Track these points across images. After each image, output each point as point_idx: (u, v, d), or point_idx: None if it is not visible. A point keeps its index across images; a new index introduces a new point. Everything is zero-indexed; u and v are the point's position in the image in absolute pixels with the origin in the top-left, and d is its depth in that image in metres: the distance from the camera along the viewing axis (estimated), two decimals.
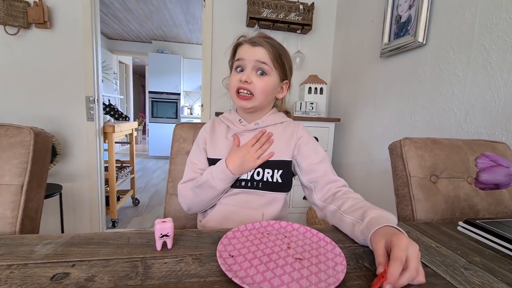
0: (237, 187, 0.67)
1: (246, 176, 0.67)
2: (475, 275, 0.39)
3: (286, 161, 0.68)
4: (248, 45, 0.66)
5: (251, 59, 0.65)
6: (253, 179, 0.67)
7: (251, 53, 0.65)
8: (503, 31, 0.86)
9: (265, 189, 0.67)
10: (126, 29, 4.44)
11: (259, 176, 0.67)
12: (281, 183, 0.67)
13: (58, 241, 0.43)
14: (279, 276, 0.36)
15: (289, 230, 0.50)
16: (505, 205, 0.69)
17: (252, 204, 0.66)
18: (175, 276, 0.36)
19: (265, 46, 0.64)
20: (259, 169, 0.67)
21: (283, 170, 0.68)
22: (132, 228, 2.19)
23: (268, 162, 0.67)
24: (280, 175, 0.67)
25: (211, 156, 0.71)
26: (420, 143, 0.71)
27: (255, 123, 0.71)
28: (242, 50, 0.67)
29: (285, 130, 0.72)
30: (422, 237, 0.52)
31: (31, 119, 1.76)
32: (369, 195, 1.59)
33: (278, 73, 0.68)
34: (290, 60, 0.71)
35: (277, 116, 0.74)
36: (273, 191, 0.68)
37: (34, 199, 0.52)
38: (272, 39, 0.68)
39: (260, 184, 0.67)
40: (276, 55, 0.65)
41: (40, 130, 0.54)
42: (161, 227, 0.41)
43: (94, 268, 0.36)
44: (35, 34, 1.72)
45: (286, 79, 0.72)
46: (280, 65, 0.67)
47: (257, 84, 0.65)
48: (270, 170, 0.67)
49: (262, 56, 0.64)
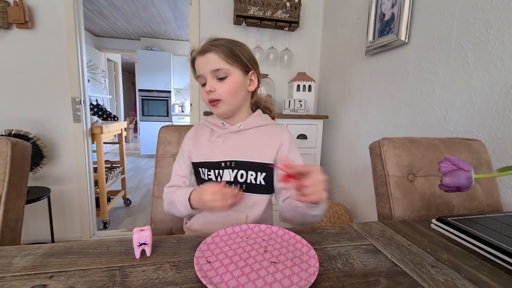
0: None
1: (229, 178, 0.68)
2: (440, 273, 0.41)
3: (268, 164, 0.69)
4: (199, 57, 0.67)
5: (206, 70, 0.66)
6: (237, 181, 0.68)
7: (204, 64, 0.66)
8: (479, 31, 0.88)
9: (249, 191, 0.69)
10: (113, 26, 4.36)
11: (243, 178, 0.69)
12: (264, 185, 0.69)
13: (37, 252, 0.43)
14: (253, 280, 0.37)
15: (267, 233, 0.51)
16: (478, 201, 0.72)
17: (236, 207, 0.67)
18: (152, 284, 0.37)
19: (213, 49, 0.65)
20: (242, 171, 0.68)
21: (266, 173, 0.69)
22: (124, 228, 2.19)
23: (252, 164, 0.68)
24: (263, 178, 0.69)
25: (195, 160, 0.73)
26: (398, 143, 0.73)
27: (239, 125, 0.72)
28: (196, 64, 0.69)
29: (268, 133, 0.73)
30: (396, 235, 0.54)
31: (16, 122, 1.72)
32: (356, 191, 1.62)
33: (238, 67, 0.67)
34: (247, 50, 0.70)
35: (261, 119, 0.75)
36: (256, 193, 0.69)
37: (13, 210, 0.52)
38: (220, 39, 0.67)
39: (243, 186, 0.68)
40: (227, 52, 0.65)
41: (17, 140, 0.54)
42: (138, 235, 0.42)
43: (72, 278, 0.37)
44: (17, 34, 1.68)
45: (250, 70, 0.70)
46: (236, 60, 0.66)
47: (220, 89, 0.66)
48: (254, 173, 0.68)
49: (214, 61, 0.65)
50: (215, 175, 0.69)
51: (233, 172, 0.68)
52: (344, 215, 1.39)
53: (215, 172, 0.69)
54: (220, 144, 0.71)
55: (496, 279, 0.40)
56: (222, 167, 0.69)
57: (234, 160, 0.68)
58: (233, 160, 0.68)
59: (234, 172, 0.68)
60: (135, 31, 4.64)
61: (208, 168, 0.70)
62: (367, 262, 0.44)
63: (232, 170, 0.68)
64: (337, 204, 1.48)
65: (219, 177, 0.69)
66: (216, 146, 0.71)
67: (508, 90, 0.80)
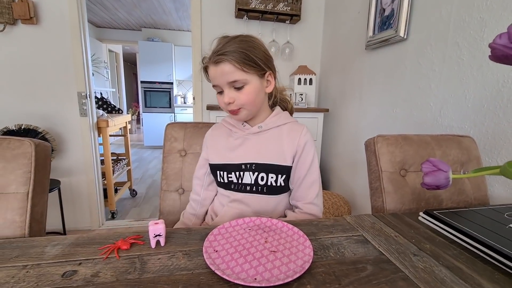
0: (241, 191, 0.70)
1: (250, 181, 0.69)
2: (421, 261, 0.47)
3: (288, 167, 0.70)
4: (212, 66, 0.64)
5: (222, 81, 0.64)
6: (257, 184, 0.69)
7: (219, 75, 0.63)
8: (474, 29, 0.91)
9: (270, 193, 0.70)
10: (115, 17, 4.34)
11: (263, 181, 0.69)
12: (284, 187, 0.71)
13: (65, 242, 0.49)
14: (255, 267, 0.43)
15: (268, 225, 0.57)
16: (466, 195, 0.77)
17: (258, 208, 0.70)
18: (168, 270, 0.42)
19: (227, 58, 0.61)
20: (263, 174, 0.69)
21: (286, 175, 0.70)
22: (131, 218, 2.27)
23: (272, 167, 0.69)
24: (283, 180, 0.69)
25: (214, 162, 0.75)
26: (391, 140, 0.78)
27: (259, 126, 0.71)
28: (210, 72, 0.66)
29: (287, 134, 0.72)
30: (385, 227, 0.59)
31: (24, 117, 1.78)
32: (355, 183, 1.68)
33: (255, 74, 0.65)
34: (260, 49, 0.66)
35: (280, 118, 0.73)
36: (277, 194, 0.71)
37: (39, 204, 0.58)
38: (231, 40, 0.64)
39: (264, 189, 0.69)
40: (241, 59, 0.62)
41: (40, 141, 0.59)
42: (154, 228, 0.47)
43: (98, 265, 0.43)
44: (22, 30, 1.71)
45: (267, 71, 0.68)
46: (253, 65, 0.63)
47: (238, 100, 0.65)
48: (274, 175, 0.69)
49: (229, 72, 0.62)
50: (236, 177, 0.70)
51: (254, 175, 0.69)
52: (342, 206, 1.45)
53: (235, 174, 0.70)
54: (240, 146, 0.71)
55: (471, 266, 0.46)
56: (243, 169, 0.69)
57: (255, 163, 0.69)
58: (253, 163, 0.69)
59: (254, 174, 0.69)
60: (136, 22, 4.62)
61: (228, 171, 0.71)
62: (357, 251, 0.49)
63: (253, 173, 0.69)
64: (336, 195, 1.54)
65: (240, 179, 0.70)
66: (237, 148, 0.71)
67: (499, 88, 0.83)
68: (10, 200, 0.54)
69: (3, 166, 0.55)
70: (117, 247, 0.46)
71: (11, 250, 0.46)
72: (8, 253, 0.46)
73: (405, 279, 0.42)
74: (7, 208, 0.54)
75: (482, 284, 0.41)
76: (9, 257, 0.44)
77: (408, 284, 0.40)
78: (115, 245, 0.47)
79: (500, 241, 0.48)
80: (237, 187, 0.70)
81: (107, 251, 0.46)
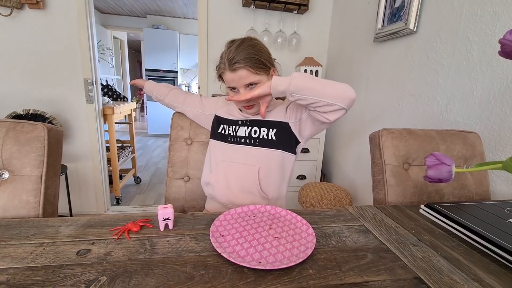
0: (237, 143, 0.81)
1: (244, 134, 0.80)
2: (420, 251, 0.48)
3: (280, 122, 0.79)
4: (229, 72, 0.73)
5: (239, 85, 0.74)
6: (251, 137, 0.80)
7: (237, 79, 0.73)
8: (486, 23, 0.89)
9: (261, 145, 0.79)
10: (120, 3, 4.29)
11: (256, 134, 0.79)
12: (275, 140, 0.78)
13: (78, 223, 0.51)
14: (260, 251, 0.45)
15: (272, 213, 0.59)
16: (468, 189, 0.78)
17: (250, 160, 0.79)
18: (176, 251, 0.44)
19: (244, 65, 0.71)
20: (255, 128, 0.80)
21: (277, 129, 0.79)
22: (135, 204, 2.32)
23: (265, 121, 0.80)
24: (274, 133, 0.78)
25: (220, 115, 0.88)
26: (396, 133, 0.78)
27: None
28: (226, 77, 0.76)
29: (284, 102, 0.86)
30: (386, 218, 0.60)
31: (32, 102, 1.80)
32: (357, 176, 1.69)
33: (265, 73, 0.76)
34: (265, 51, 0.77)
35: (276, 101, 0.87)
36: (267, 147, 0.79)
37: (51, 186, 0.60)
38: (240, 44, 0.73)
39: (256, 141, 0.79)
40: (255, 64, 0.72)
41: (52, 126, 0.60)
42: (163, 212, 0.49)
43: (110, 245, 0.45)
44: (29, 14, 1.71)
45: (271, 68, 0.78)
46: (262, 67, 0.74)
47: None
48: (266, 129, 0.79)
49: (245, 77, 0.73)
50: (232, 129, 0.83)
51: (248, 129, 0.80)
52: (344, 199, 1.47)
53: (232, 128, 0.83)
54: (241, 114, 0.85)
55: (468, 257, 0.47)
56: (239, 124, 0.82)
57: (249, 119, 0.82)
58: (248, 119, 0.82)
59: (248, 128, 0.80)
60: (141, 8, 4.56)
61: (228, 124, 0.84)
62: (358, 240, 0.51)
63: (247, 127, 0.81)
64: (338, 187, 1.56)
65: (235, 132, 0.82)
66: (238, 112, 0.85)
67: (508, 84, 0.83)
68: (25, 182, 0.56)
69: (18, 149, 0.57)
70: (127, 229, 0.49)
71: (28, 229, 0.49)
72: (25, 231, 0.48)
73: (403, 267, 0.43)
74: (22, 189, 0.56)
75: (478, 274, 0.42)
76: (26, 235, 0.47)
77: (406, 272, 0.42)
78: (126, 227, 0.49)
79: (499, 234, 0.50)
80: (233, 140, 0.81)
81: (118, 232, 0.48)
